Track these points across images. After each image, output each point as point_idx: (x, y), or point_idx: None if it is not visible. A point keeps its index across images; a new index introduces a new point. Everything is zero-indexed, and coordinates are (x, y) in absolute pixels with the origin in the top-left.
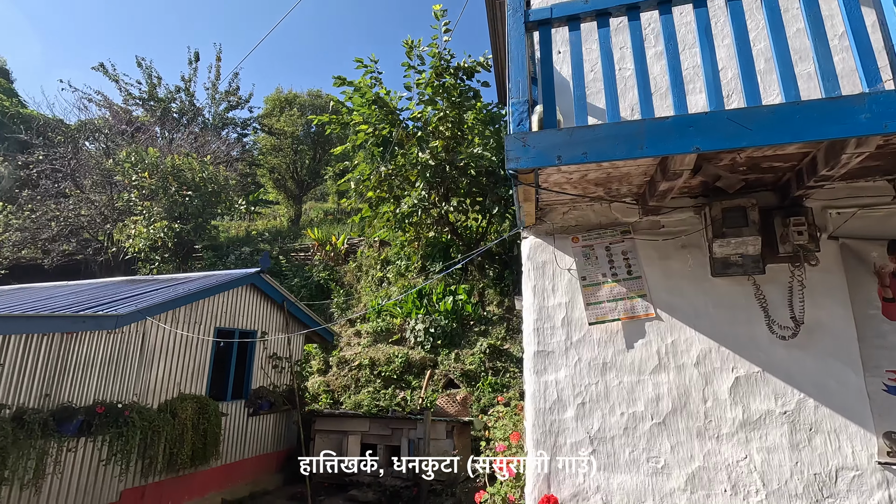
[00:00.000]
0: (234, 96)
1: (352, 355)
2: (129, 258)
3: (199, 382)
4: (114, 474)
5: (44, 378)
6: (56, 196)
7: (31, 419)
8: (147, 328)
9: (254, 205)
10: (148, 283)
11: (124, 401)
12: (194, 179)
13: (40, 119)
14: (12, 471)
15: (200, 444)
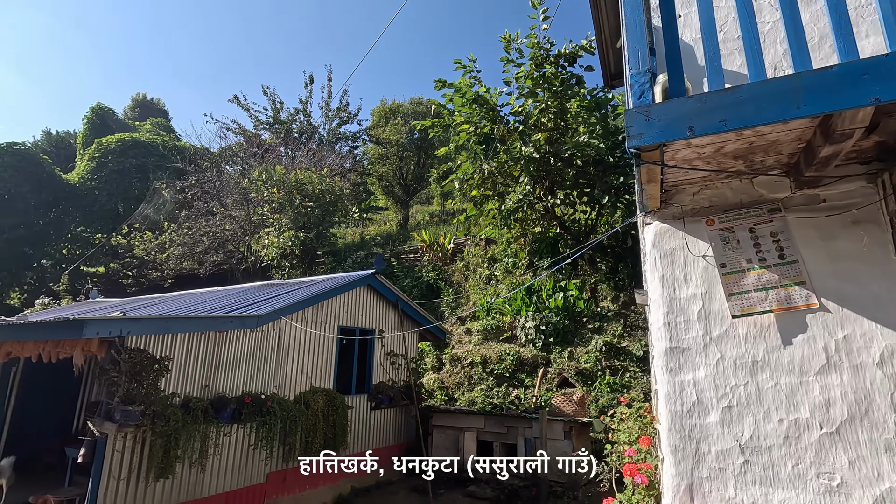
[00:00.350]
0: (344, 112)
1: (463, 353)
2: (265, 265)
3: (327, 377)
4: (260, 458)
5: (203, 371)
6: (206, 214)
7: (195, 406)
8: (282, 327)
9: (365, 212)
10: (280, 286)
11: (266, 392)
12: (314, 191)
13: (191, 149)
14: (183, 450)
15: (331, 433)
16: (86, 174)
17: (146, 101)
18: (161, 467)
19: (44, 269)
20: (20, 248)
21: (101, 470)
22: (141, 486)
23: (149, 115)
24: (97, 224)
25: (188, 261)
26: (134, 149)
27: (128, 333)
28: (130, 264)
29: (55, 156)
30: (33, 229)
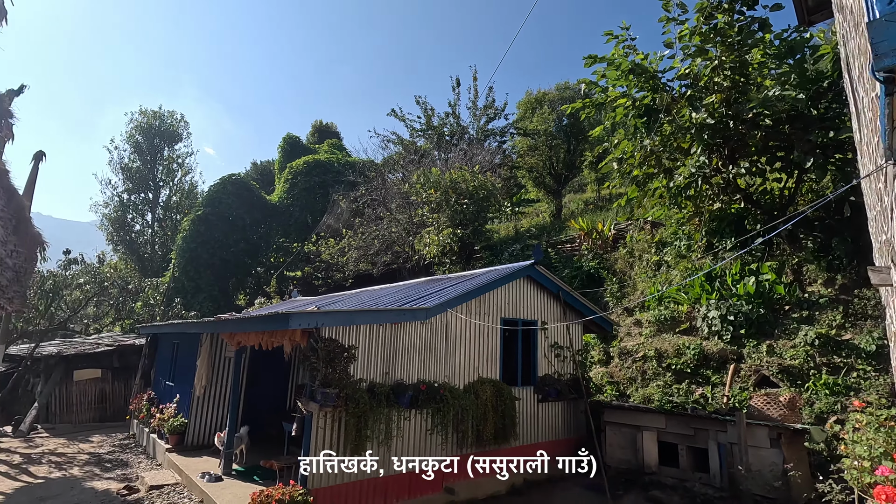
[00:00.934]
0: (490, 109)
1: (633, 346)
2: (427, 263)
3: (493, 368)
4: (437, 442)
5: (382, 359)
6: (375, 220)
7: (379, 391)
8: (448, 319)
9: (517, 205)
10: (443, 281)
11: (438, 381)
12: (468, 189)
13: (359, 163)
14: (372, 430)
15: (500, 423)
16: (282, 194)
17: (322, 126)
18: (355, 445)
19: (259, 275)
20: (242, 259)
21: (310, 443)
22: (340, 459)
23: (325, 137)
24: (293, 235)
25: (363, 262)
26: (316, 168)
27: (322, 325)
28: (320, 267)
29: (260, 181)
30: (250, 243)
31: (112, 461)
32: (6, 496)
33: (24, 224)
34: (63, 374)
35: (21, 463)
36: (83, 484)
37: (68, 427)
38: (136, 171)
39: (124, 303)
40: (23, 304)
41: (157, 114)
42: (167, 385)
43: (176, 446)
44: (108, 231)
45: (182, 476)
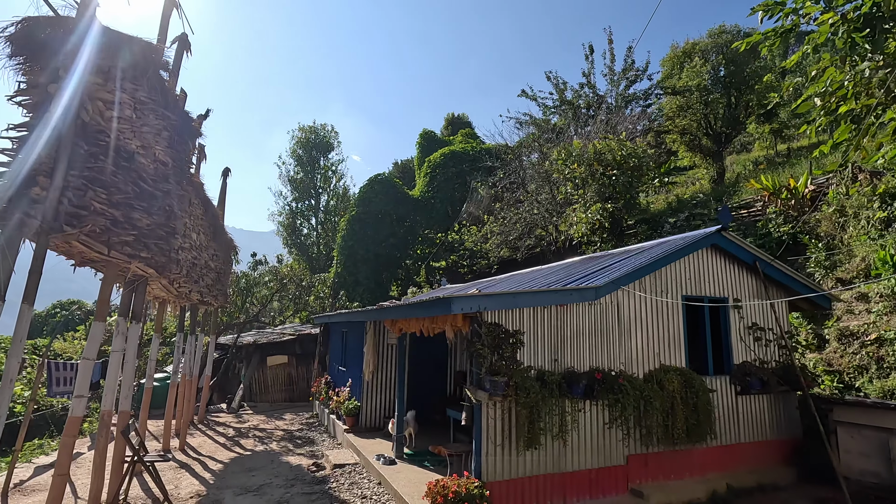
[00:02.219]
0: (630, 71)
1: (859, 326)
2: (575, 243)
3: (677, 354)
4: (617, 438)
5: (550, 345)
6: (515, 203)
7: (550, 380)
8: (620, 299)
9: (666, 175)
10: (603, 258)
11: (611, 368)
12: (615, 159)
13: (494, 148)
14: (545, 422)
15: (693, 419)
16: (423, 188)
17: (455, 119)
18: (528, 437)
19: (408, 267)
20: (392, 253)
21: (481, 434)
22: (513, 452)
23: (458, 128)
24: (436, 227)
25: (505, 248)
26: (452, 159)
27: (484, 308)
28: (464, 255)
29: (402, 178)
30: (398, 237)
31: (301, 438)
32: (224, 465)
33: (220, 231)
34: (259, 360)
35: (234, 436)
36: (280, 458)
37: (266, 405)
38: (299, 181)
39: (300, 297)
40: (225, 300)
41: (313, 128)
42: (340, 370)
43: (352, 427)
44: (283, 236)
45: (360, 457)
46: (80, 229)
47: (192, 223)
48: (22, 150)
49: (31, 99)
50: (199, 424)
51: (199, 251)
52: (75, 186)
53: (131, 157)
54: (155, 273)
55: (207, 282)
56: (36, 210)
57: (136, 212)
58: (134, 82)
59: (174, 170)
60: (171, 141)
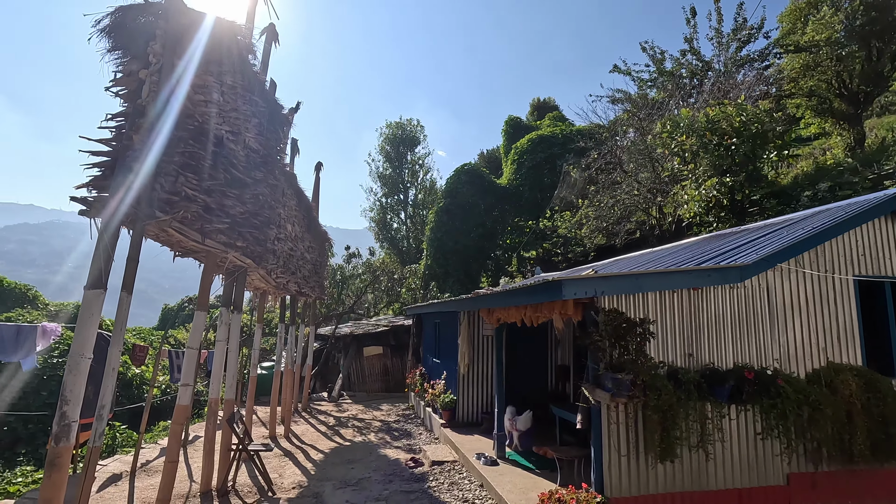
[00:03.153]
0: (742, 31)
1: None
2: (685, 224)
3: (849, 349)
4: (774, 452)
5: (682, 337)
6: (611, 186)
7: (685, 379)
8: (769, 281)
9: (786, 147)
10: (732, 236)
11: (766, 366)
12: (733, 126)
13: (585, 130)
14: (681, 430)
15: (880, 432)
16: (511, 175)
17: (540, 103)
18: (662, 447)
19: (497, 258)
20: (481, 243)
21: (602, 441)
22: (642, 465)
23: (545, 112)
24: (526, 215)
25: (601, 234)
26: (540, 145)
27: (601, 293)
28: (557, 243)
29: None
30: (486, 227)
31: (398, 430)
32: (325, 455)
33: (314, 223)
34: (356, 351)
35: (334, 425)
36: (378, 451)
37: (363, 395)
38: (388, 177)
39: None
40: (322, 292)
41: (399, 123)
42: (434, 362)
43: (449, 421)
44: (375, 231)
45: (458, 454)
46: (173, 216)
47: (286, 214)
48: (118, 139)
49: (125, 88)
50: (303, 412)
51: (295, 242)
52: (166, 172)
53: (220, 142)
54: (252, 264)
55: (304, 273)
56: (131, 196)
57: (228, 199)
58: (221, 65)
59: (265, 158)
60: (261, 128)
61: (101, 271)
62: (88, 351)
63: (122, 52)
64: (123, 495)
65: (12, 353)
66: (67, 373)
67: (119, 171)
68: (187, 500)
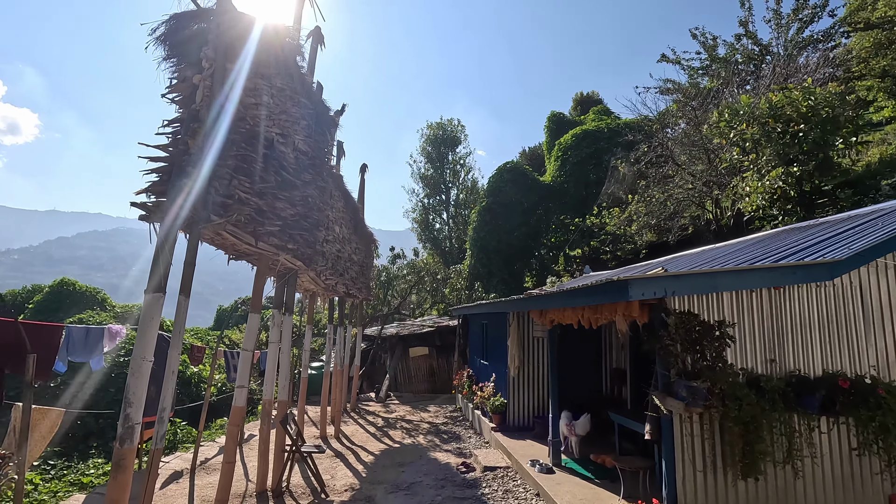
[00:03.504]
0: (805, 10)
1: None
2: (745, 220)
3: None
4: (873, 471)
5: (762, 341)
6: (662, 180)
7: (769, 387)
8: (862, 278)
9: (857, 133)
10: (815, 228)
11: (855, 373)
12: (799, 111)
13: (633, 123)
14: (765, 444)
15: None
16: (554, 172)
17: (584, 97)
18: (744, 463)
19: (541, 257)
20: (525, 243)
21: (674, 454)
22: (721, 481)
23: (588, 107)
24: (571, 212)
25: (652, 230)
26: (584, 140)
27: (672, 293)
28: (605, 241)
29: (531, 166)
30: (530, 226)
31: (447, 433)
32: (375, 457)
33: (360, 225)
34: (402, 352)
35: (383, 426)
36: (428, 454)
37: (410, 396)
38: (430, 177)
39: (437, 289)
40: (369, 293)
41: (440, 124)
42: (482, 363)
43: (499, 425)
44: (418, 232)
45: (511, 460)
46: (227, 219)
47: (334, 216)
48: (174, 145)
49: (180, 94)
50: (352, 412)
51: (343, 244)
52: (220, 175)
53: (271, 144)
54: (303, 266)
55: (352, 274)
56: (188, 201)
57: (279, 201)
58: (270, 68)
59: (313, 160)
60: (310, 130)
61: (160, 275)
62: (149, 354)
63: (176, 59)
64: (184, 493)
65: (82, 354)
66: (130, 375)
67: (176, 176)
68: (244, 500)
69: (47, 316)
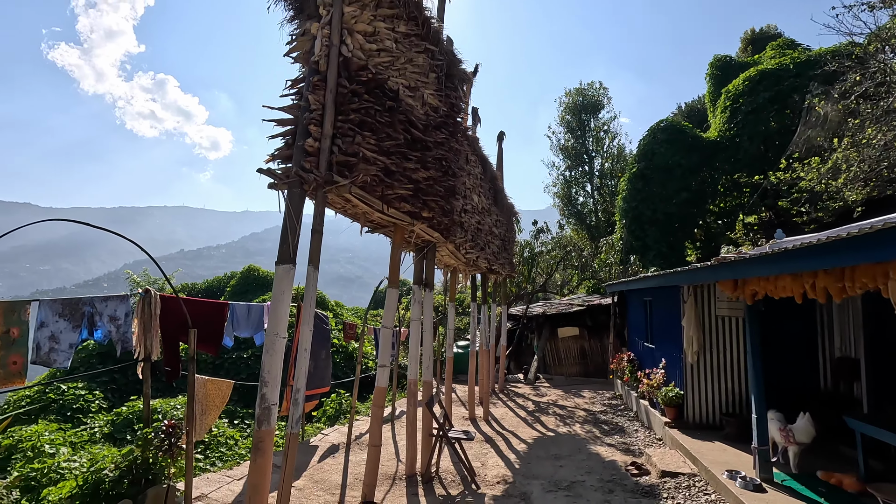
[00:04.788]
0: None
1: None
2: None
3: None
4: None
5: None
6: (885, 116)
7: None
8: None
9: None
10: None
11: None
12: None
13: (835, 49)
14: None
15: None
16: (721, 126)
17: (757, 34)
18: None
19: (707, 225)
20: (687, 210)
21: None
22: None
23: (763, 44)
24: (743, 171)
25: (870, 183)
26: (762, 82)
27: None
28: (798, 200)
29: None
30: (690, 191)
31: (607, 423)
32: (528, 446)
33: (501, 195)
34: (549, 332)
35: (533, 410)
36: (588, 447)
37: (561, 379)
38: (570, 148)
39: (587, 265)
40: (512, 269)
41: (580, 89)
42: (646, 346)
43: (674, 420)
44: (559, 207)
45: (696, 466)
46: (352, 180)
47: (471, 183)
48: (297, 106)
49: (300, 50)
50: (500, 393)
51: (483, 215)
52: (343, 132)
53: (397, 96)
54: (440, 237)
55: (493, 249)
56: (311, 163)
57: (409, 162)
58: (393, 8)
59: (446, 119)
60: (440, 84)
61: (289, 245)
62: (283, 330)
63: (294, 11)
64: (339, 469)
65: (245, 330)
66: (265, 353)
67: (300, 137)
68: (394, 482)
69: (238, 297)
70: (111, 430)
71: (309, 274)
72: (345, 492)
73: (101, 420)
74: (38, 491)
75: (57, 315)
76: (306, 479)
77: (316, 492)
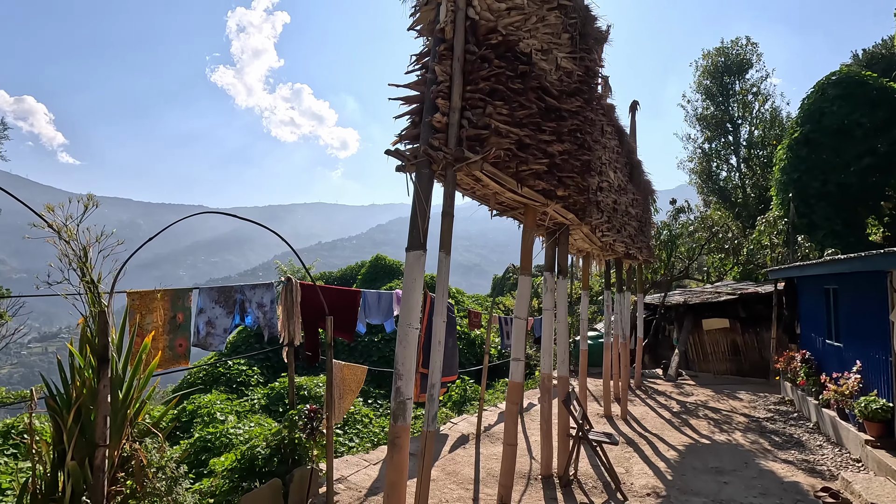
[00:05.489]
0: None
1: None
2: None
3: None
4: None
5: None
6: None
7: None
8: None
9: None
10: None
11: None
12: None
13: None
14: None
15: None
16: None
17: None
18: None
19: None
20: (868, 179)
21: None
22: None
23: None
24: None
25: None
26: None
27: None
28: None
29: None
30: (876, 155)
31: (778, 434)
32: (678, 454)
33: (637, 171)
34: (692, 323)
35: (679, 411)
36: (756, 461)
37: (708, 377)
38: (710, 117)
39: (739, 248)
40: (650, 254)
41: (722, 48)
42: (828, 344)
43: (879, 439)
44: (697, 184)
45: None
46: (484, 155)
47: (607, 157)
48: (423, 80)
49: (424, 20)
50: (637, 390)
51: (619, 194)
52: (472, 103)
53: (529, 60)
54: (575, 219)
55: (630, 231)
56: (439, 140)
57: (543, 133)
58: None
59: (581, 84)
60: (574, 45)
61: (419, 230)
62: (416, 320)
63: None
64: (471, 461)
65: (376, 317)
66: (398, 345)
67: (426, 114)
68: (529, 482)
69: (368, 284)
70: (267, 402)
71: (441, 261)
72: (478, 487)
73: (258, 393)
74: (210, 456)
75: (213, 302)
76: (438, 469)
77: (449, 485)
